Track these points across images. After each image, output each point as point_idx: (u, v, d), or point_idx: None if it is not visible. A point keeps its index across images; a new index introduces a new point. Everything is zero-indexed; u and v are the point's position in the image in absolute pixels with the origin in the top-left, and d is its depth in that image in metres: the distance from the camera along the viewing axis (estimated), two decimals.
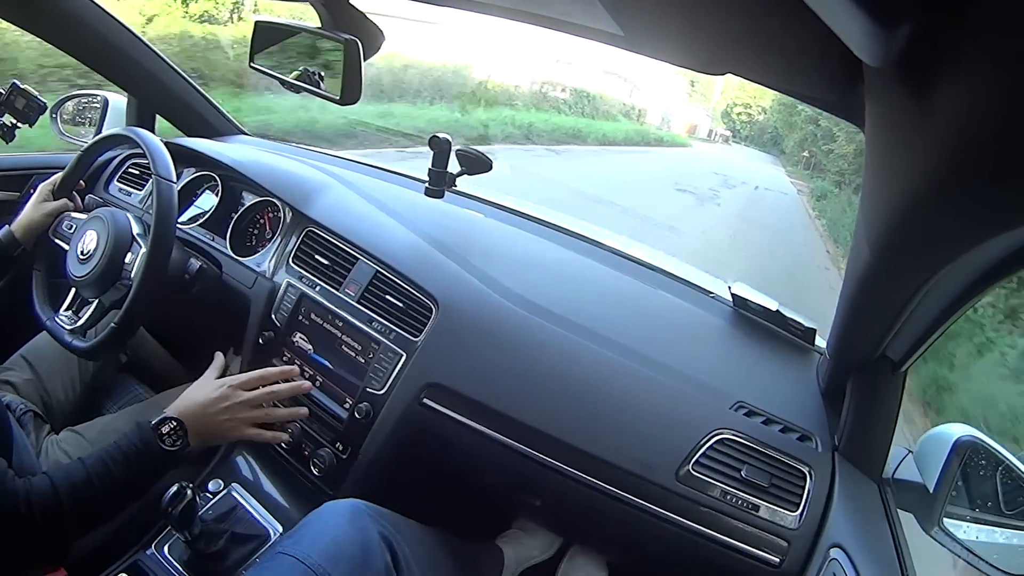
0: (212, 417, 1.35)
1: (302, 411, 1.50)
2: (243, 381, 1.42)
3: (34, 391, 1.63)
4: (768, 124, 46.61)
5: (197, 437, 1.32)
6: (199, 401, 1.36)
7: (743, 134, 51.47)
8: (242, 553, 1.38)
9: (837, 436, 1.31)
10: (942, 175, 0.55)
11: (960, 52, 0.45)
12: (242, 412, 1.39)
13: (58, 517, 1.12)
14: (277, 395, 1.46)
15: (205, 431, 1.34)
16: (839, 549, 1.10)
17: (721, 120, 52.93)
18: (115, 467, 1.20)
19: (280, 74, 1.44)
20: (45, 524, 1.12)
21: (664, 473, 1.28)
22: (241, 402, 1.39)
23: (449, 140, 1.65)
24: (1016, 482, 1.12)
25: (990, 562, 1.09)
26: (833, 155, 23.79)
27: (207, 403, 1.36)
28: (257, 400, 1.42)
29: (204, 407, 1.35)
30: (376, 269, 1.57)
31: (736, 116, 51.11)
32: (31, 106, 1.88)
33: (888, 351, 1.19)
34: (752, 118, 50.52)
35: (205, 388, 1.40)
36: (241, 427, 1.39)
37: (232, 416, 1.37)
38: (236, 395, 1.39)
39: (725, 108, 51.77)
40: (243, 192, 1.91)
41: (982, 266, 0.80)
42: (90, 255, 1.52)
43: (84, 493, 1.16)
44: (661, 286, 1.73)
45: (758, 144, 47.57)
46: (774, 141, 45.38)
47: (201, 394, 1.38)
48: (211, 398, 1.37)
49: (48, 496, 1.12)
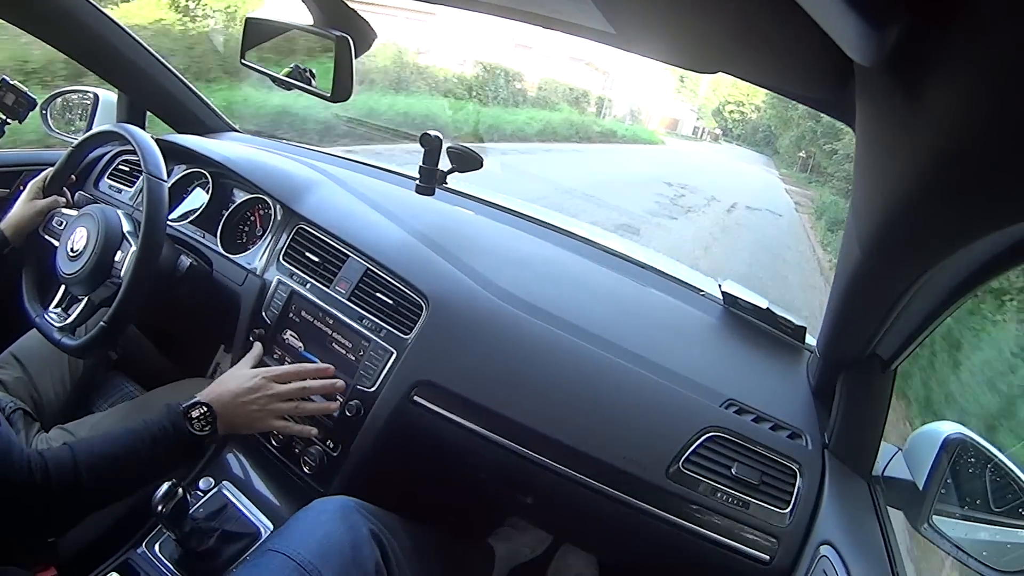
0: (243, 406, 1.34)
1: (333, 406, 1.47)
2: (278, 374, 1.41)
3: (24, 389, 1.62)
4: (761, 122, 45.36)
5: (225, 424, 1.31)
6: (231, 389, 1.35)
7: (735, 132, 50.02)
8: (233, 551, 1.38)
9: (827, 434, 1.32)
10: (932, 174, 0.55)
11: (950, 52, 0.45)
12: (273, 404, 1.37)
13: (75, 489, 1.11)
14: (309, 391, 1.44)
15: (234, 419, 1.33)
16: (829, 546, 1.10)
17: (712, 118, 51.55)
18: (141, 446, 1.19)
19: (271, 71, 1.44)
20: (60, 495, 1.10)
21: (654, 471, 1.28)
22: (273, 394, 1.37)
23: (440, 138, 1.65)
24: (1005, 479, 1.13)
25: (979, 559, 1.09)
26: (837, 156, 20.74)
27: (239, 391, 1.35)
28: (289, 394, 1.40)
29: (236, 395, 1.34)
30: (366, 266, 1.57)
31: (728, 114, 49.97)
32: (21, 102, 1.87)
33: (878, 349, 1.19)
34: (745, 116, 49.32)
35: (239, 377, 1.39)
36: (269, 418, 1.37)
37: (262, 407, 1.36)
38: (269, 387, 1.38)
39: (717, 106, 50.47)
40: (234, 189, 1.91)
41: (972, 265, 0.81)
42: (80, 253, 1.52)
43: (104, 468, 1.15)
44: (652, 284, 1.73)
45: (751, 143, 45.99)
46: (767, 140, 43.41)
47: (234, 382, 1.37)
48: (244, 387, 1.36)
49: (67, 467, 1.11)
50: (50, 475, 1.09)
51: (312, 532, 1.11)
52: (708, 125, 52.84)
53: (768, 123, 43.92)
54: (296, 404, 1.41)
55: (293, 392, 1.41)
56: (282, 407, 1.39)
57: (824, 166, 23.68)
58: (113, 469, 1.16)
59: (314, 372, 1.46)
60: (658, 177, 17.23)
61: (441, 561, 1.36)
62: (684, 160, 28.06)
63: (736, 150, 45.00)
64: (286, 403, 1.39)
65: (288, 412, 1.40)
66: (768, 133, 44.28)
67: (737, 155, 40.26)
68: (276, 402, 1.38)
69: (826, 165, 23.02)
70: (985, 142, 0.48)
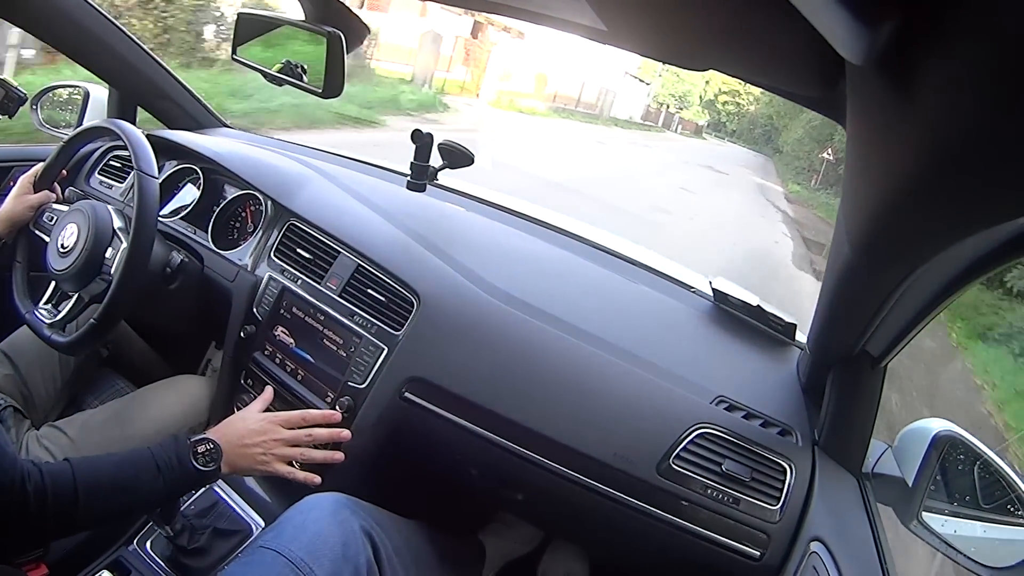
0: (248, 448, 1.33)
1: (338, 456, 1.45)
2: (285, 419, 1.40)
3: (14, 386, 1.61)
4: (760, 115, 41.51)
5: (229, 464, 1.29)
6: (238, 430, 1.34)
7: (730, 127, 47.24)
8: (224, 548, 1.38)
9: (817, 430, 1.32)
10: (922, 172, 0.56)
11: (941, 51, 0.46)
12: (278, 448, 1.36)
13: (71, 509, 1.10)
14: (315, 438, 1.42)
15: (238, 460, 1.32)
16: (819, 543, 1.11)
17: (704, 110, 47.58)
18: (144, 474, 1.18)
19: (262, 66, 1.44)
20: (54, 512, 1.09)
21: (645, 467, 1.28)
22: (279, 439, 1.37)
23: (432, 134, 1.65)
24: (993, 476, 1.13)
25: (968, 555, 1.10)
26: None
27: (246, 433, 1.34)
28: (295, 440, 1.39)
29: (242, 437, 1.33)
30: (358, 263, 1.57)
31: (722, 106, 46.84)
32: (11, 97, 1.86)
33: (868, 346, 1.20)
34: (741, 108, 46.23)
35: (247, 419, 1.38)
36: (274, 463, 1.36)
37: (267, 451, 1.35)
38: (275, 431, 1.37)
39: (711, 97, 46.82)
40: (225, 185, 1.90)
41: (962, 262, 0.81)
42: (70, 249, 1.51)
43: (104, 493, 1.14)
44: (642, 281, 1.74)
45: (747, 140, 42.68)
46: (767, 136, 38.32)
47: (242, 424, 1.36)
48: (251, 429, 1.35)
49: (67, 486, 1.09)
50: (46, 492, 1.07)
51: (303, 529, 1.11)
52: (693, 117, 46.90)
53: (769, 116, 38.35)
54: (302, 451, 1.40)
55: (300, 438, 1.40)
56: (288, 452, 1.38)
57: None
58: (113, 494, 1.15)
59: (321, 418, 1.45)
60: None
61: (432, 557, 1.36)
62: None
63: (722, 148, 37.32)
64: (292, 448, 1.39)
65: (294, 457, 1.39)
66: (770, 127, 38.38)
67: (711, 158, 29.51)
68: (282, 447, 1.37)
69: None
70: (976, 140, 0.48)
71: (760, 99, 42.06)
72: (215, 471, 1.25)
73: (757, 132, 42.67)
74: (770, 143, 38.61)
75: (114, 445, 1.42)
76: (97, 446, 1.46)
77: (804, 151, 26.41)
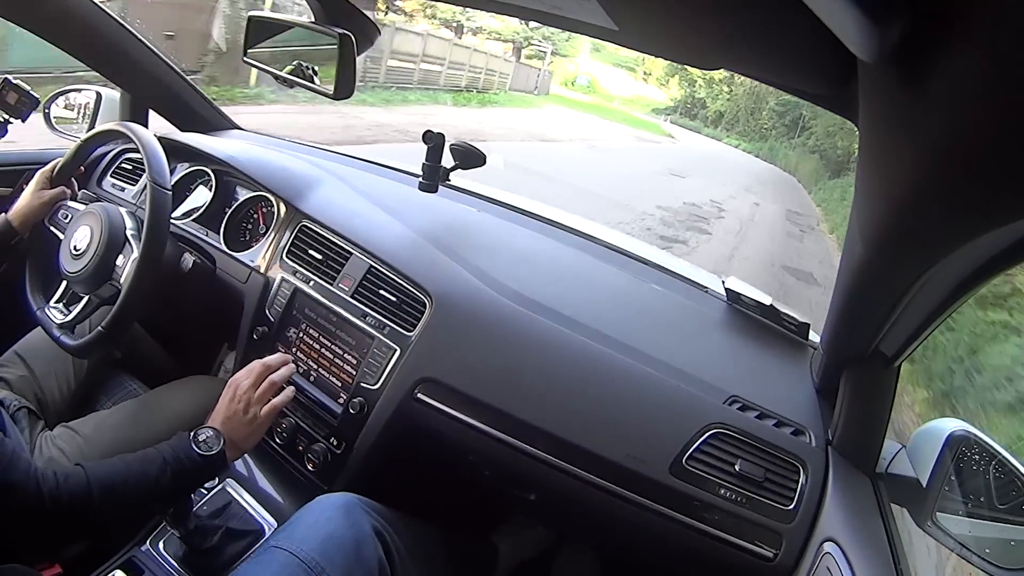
0: (234, 417, 1.31)
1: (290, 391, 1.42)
2: (246, 371, 1.38)
3: (28, 387, 1.62)
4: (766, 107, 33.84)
5: (233, 444, 1.28)
6: (219, 408, 1.33)
7: (727, 119, 41.11)
8: (237, 548, 1.38)
9: (831, 431, 1.32)
10: (935, 170, 0.55)
11: (953, 48, 0.45)
12: (250, 395, 1.33)
13: (87, 512, 1.11)
14: (276, 383, 1.38)
15: (235, 433, 1.30)
16: (833, 543, 1.10)
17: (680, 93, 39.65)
18: (153, 469, 1.18)
19: (274, 69, 1.44)
20: (71, 517, 1.10)
21: (658, 467, 1.28)
22: (245, 389, 1.33)
23: (443, 134, 1.65)
24: (1008, 476, 1.12)
25: (983, 556, 1.09)
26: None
27: (223, 406, 1.32)
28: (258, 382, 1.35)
29: (223, 411, 1.31)
30: (370, 264, 1.57)
31: (717, 93, 40.16)
32: (23, 101, 1.87)
33: (882, 346, 1.19)
34: (734, 94, 39.39)
35: (221, 399, 1.37)
36: (260, 412, 1.33)
37: (248, 405, 1.32)
38: (239, 385, 1.35)
39: (702, 79, 38.84)
40: (237, 187, 1.91)
41: (976, 261, 0.80)
42: (83, 252, 1.51)
43: (117, 490, 1.14)
44: (655, 281, 1.73)
45: (746, 138, 36.06)
46: (789, 130, 29.32)
47: (219, 403, 1.34)
48: (225, 400, 1.33)
49: (82, 492, 1.10)
50: (61, 497, 1.08)
51: (316, 529, 1.11)
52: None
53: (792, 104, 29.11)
54: (272, 400, 1.37)
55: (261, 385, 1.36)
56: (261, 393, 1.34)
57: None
58: (126, 491, 1.15)
59: (279, 362, 1.42)
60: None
61: (444, 558, 1.36)
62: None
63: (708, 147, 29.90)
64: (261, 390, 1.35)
65: (279, 405, 1.36)
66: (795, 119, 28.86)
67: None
68: (251, 392, 1.34)
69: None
70: (989, 138, 0.48)
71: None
72: (220, 454, 1.25)
73: (764, 127, 36.25)
74: (790, 137, 30.87)
75: (127, 446, 1.42)
76: (110, 446, 1.46)
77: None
